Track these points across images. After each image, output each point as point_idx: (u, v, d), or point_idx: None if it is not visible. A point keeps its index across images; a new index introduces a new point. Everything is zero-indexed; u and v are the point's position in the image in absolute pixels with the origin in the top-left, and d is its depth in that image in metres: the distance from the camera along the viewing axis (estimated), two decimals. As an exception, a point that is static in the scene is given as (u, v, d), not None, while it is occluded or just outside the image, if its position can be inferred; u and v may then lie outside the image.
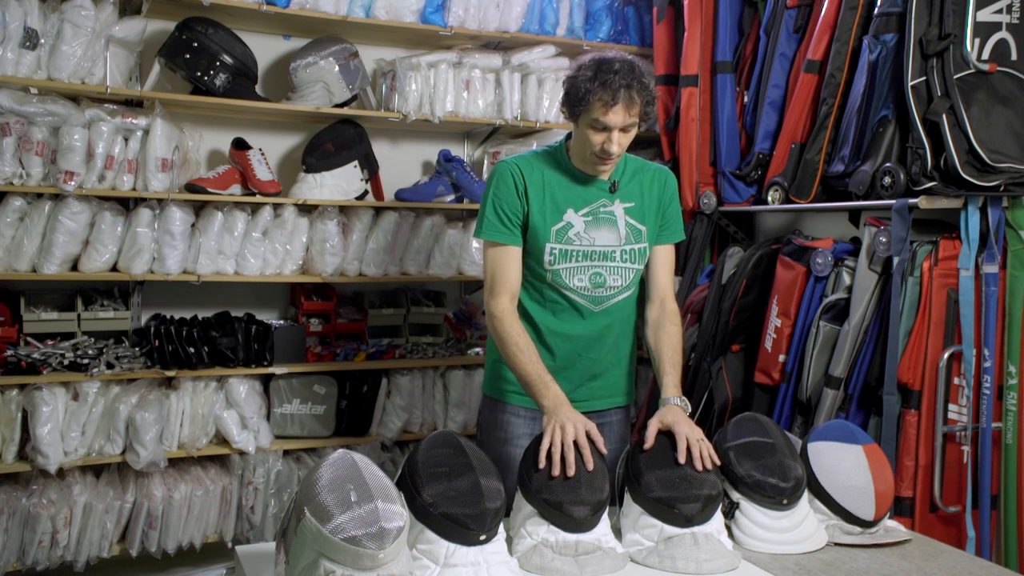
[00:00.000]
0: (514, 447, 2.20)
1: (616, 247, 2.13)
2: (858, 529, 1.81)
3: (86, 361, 3.02)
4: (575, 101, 2.01)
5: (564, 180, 2.14)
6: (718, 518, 1.73)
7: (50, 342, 3.11)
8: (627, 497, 1.76)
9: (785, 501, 1.76)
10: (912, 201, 2.46)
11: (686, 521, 1.67)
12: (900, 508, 2.43)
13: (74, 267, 3.07)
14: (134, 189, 3.06)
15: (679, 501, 1.68)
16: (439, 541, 1.48)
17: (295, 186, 3.31)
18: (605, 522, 1.70)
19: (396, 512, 1.34)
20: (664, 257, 2.23)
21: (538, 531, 1.65)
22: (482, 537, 1.50)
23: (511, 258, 2.11)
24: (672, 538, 1.67)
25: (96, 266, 3.06)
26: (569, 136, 2.16)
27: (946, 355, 2.45)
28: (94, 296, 3.27)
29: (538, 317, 2.18)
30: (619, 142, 2.01)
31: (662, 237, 2.22)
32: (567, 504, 1.63)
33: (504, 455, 2.21)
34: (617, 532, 1.76)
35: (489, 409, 2.27)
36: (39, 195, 2.99)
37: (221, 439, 3.24)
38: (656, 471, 1.73)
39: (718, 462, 1.80)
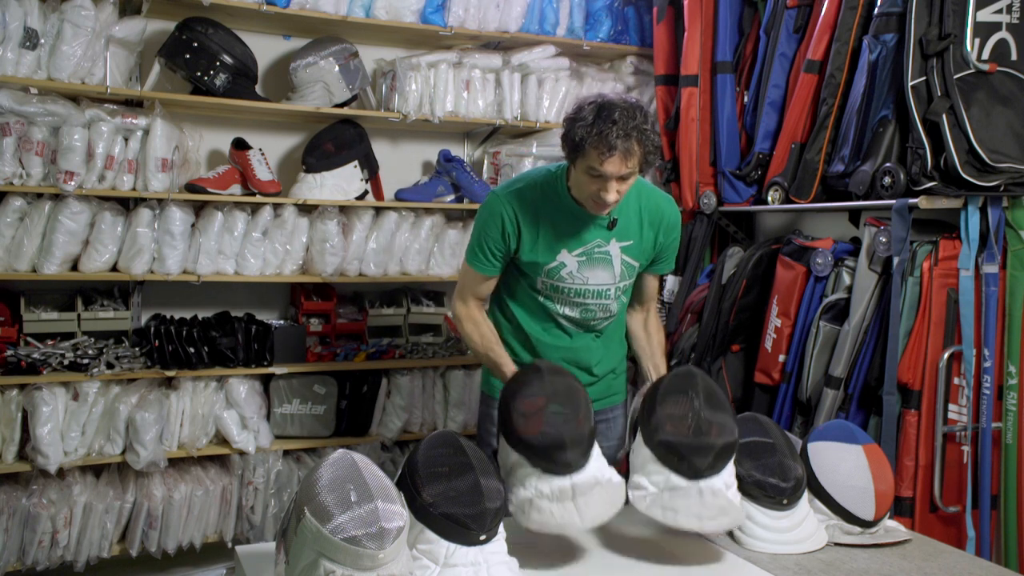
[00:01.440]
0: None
1: (611, 285, 2.13)
2: (858, 529, 1.81)
3: (86, 361, 3.02)
4: (572, 147, 1.93)
5: (559, 218, 2.06)
6: (729, 470, 1.70)
7: (50, 342, 3.11)
8: (639, 437, 1.73)
9: (785, 501, 1.76)
10: (912, 201, 2.46)
11: (694, 474, 1.64)
12: (900, 508, 2.43)
13: (74, 267, 3.07)
14: (134, 189, 3.05)
15: (691, 452, 1.64)
16: (439, 541, 1.48)
17: (295, 186, 3.30)
18: (598, 455, 1.68)
19: (396, 512, 1.34)
20: (652, 280, 2.27)
21: (530, 481, 1.64)
22: (482, 537, 1.50)
23: (484, 282, 2.17)
24: (677, 489, 1.65)
25: (96, 266, 3.06)
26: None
27: (946, 355, 2.45)
28: (94, 296, 3.26)
29: (528, 328, 2.20)
30: (617, 190, 1.93)
31: (653, 269, 2.23)
32: (554, 449, 1.62)
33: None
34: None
35: (486, 405, 2.29)
36: (39, 195, 2.99)
37: (221, 439, 3.24)
38: (671, 411, 1.68)
39: None
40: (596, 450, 1.68)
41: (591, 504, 1.60)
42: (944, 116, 2.40)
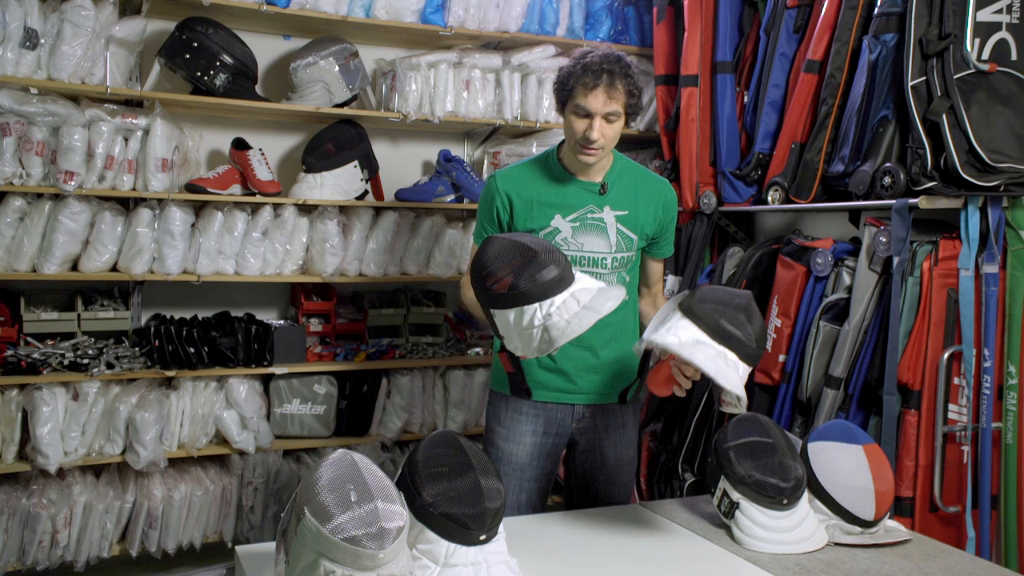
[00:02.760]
0: (517, 443, 2.21)
1: (607, 254, 2.15)
2: (858, 529, 1.81)
3: (86, 361, 3.02)
4: (560, 88, 2.10)
5: (551, 186, 2.16)
6: (744, 369, 1.73)
7: (50, 342, 3.11)
8: (681, 313, 1.76)
9: (785, 501, 1.76)
10: (912, 201, 2.46)
11: (722, 340, 1.69)
12: (900, 508, 2.43)
13: (74, 267, 3.07)
14: (134, 189, 3.06)
15: (732, 323, 1.70)
16: (439, 541, 1.48)
17: (295, 186, 3.31)
18: (584, 276, 1.74)
19: (396, 512, 1.34)
20: (657, 265, 2.34)
21: (535, 317, 1.67)
22: (482, 537, 1.50)
23: None
24: (701, 343, 1.70)
25: (96, 266, 3.06)
26: (564, 141, 2.19)
27: (946, 355, 2.45)
28: (94, 296, 3.27)
29: None
30: (601, 131, 2.04)
31: (654, 251, 2.28)
32: (537, 279, 1.66)
33: (507, 451, 2.22)
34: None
35: (494, 405, 2.29)
36: (39, 195, 2.99)
37: (221, 439, 3.25)
38: (722, 299, 1.75)
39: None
40: (580, 274, 1.75)
41: (598, 300, 1.65)
42: (944, 116, 2.40)
